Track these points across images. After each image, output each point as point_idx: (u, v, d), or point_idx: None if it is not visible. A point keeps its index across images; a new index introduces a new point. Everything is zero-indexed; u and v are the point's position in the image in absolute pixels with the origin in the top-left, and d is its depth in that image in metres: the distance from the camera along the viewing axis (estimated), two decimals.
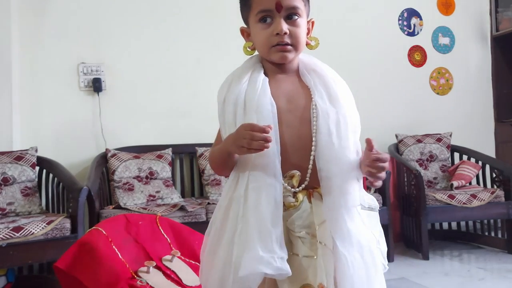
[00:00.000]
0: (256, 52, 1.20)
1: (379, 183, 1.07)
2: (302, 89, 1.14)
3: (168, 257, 1.25)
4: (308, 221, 1.06)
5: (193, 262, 1.31)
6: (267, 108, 1.07)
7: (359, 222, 1.08)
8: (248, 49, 1.18)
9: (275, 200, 1.03)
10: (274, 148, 1.04)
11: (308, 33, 1.18)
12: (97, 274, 1.14)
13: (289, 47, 1.12)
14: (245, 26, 1.21)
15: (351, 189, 1.08)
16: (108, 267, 1.15)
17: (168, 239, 1.32)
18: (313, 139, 1.08)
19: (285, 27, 1.10)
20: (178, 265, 1.24)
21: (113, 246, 1.19)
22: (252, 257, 0.98)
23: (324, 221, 1.06)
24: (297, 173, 1.08)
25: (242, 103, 1.09)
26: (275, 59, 1.14)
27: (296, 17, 1.12)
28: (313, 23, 1.20)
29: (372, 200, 1.18)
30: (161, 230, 1.32)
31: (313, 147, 1.08)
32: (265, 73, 1.16)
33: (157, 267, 1.19)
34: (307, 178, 1.08)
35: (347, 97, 1.15)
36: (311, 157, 1.08)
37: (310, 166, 1.08)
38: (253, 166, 1.05)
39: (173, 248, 1.30)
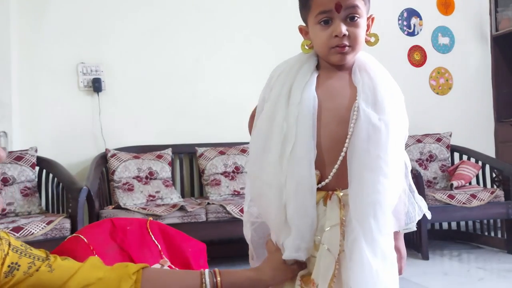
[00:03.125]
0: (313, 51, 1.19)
1: None
2: (349, 89, 1.11)
3: (156, 266, 1.20)
4: (319, 224, 1.07)
5: None
6: (309, 103, 1.08)
7: (386, 233, 1.07)
8: (306, 47, 1.17)
9: (310, 190, 1.06)
10: (310, 142, 1.06)
11: (367, 30, 1.17)
12: None
13: (348, 48, 1.09)
14: (303, 25, 1.19)
15: (384, 200, 1.05)
16: None
17: (159, 246, 1.27)
18: (347, 140, 1.06)
19: (344, 29, 1.07)
20: None
21: (95, 255, 1.14)
22: (289, 244, 1.07)
23: (335, 225, 1.06)
24: (316, 172, 1.08)
25: (285, 95, 1.10)
26: (333, 61, 1.12)
27: (357, 17, 1.10)
28: (373, 19, 1.19)
29: (419, 207, 1.21)
30: (152, 236, 1.27)
31: (344, 148, 1.06)
32: (318, 67, 1.15)
33: None
34: (330, 177, 1.08)
35: (395, 104, 1.11)
36: (340, 157, 1.07)
37: (336, 166, 1.07)
38: (289, 158, 1.07)
39: (163, 257, 1.25)
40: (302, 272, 1.11)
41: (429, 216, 1.22)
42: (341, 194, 1.07)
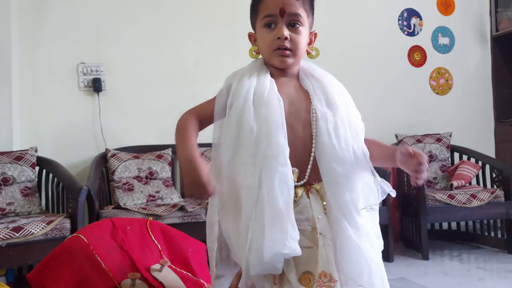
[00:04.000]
0: (261, 56, 1.28)
1: (422, 181, 1.16)
2: (302, 93, 1.22)
3: (157, 266, 1.20)
4: (308, 214, 1.14)
5: (185, 272, 1.27)
6: (275, 103, 1.15)
7: (364, 214, 1.17)
8: (253, 52, 1.28)
9: (287, 185, 1.11)
10: (283, 140, 1.12)
11: (310, 43, 1.27)
12: (74, 287, 1.07)
13: (288, 52, 1.19)
14: (253, 31, 1.29)
15: (356, 187, 1.16)
16: (87, 279, 1.08)
17: (159, 246, 1.27)
18: (313, 140, 1.17)
19: (286, 32, 1.18)
20: (167, 276, 1.19)
21: (95, 255, 1.13)
22: (269, 241, 1.06)
23: (322, 214, 1.15)
24: (295, 170, 1.16)
25: (251, 98, 1.16)
26: (275, 63, 1.22)
27: (298, 25, 1.20)
28: (315, 35, 1.28)
29: (383, 188, 1.26)
30: (152, 236, 1.28)
31: (313, 148, 1.17)
32: (270, 75, 1.24)
33: (143, 278, 1.14)
34: (307, 176, 1.17)
35: (345, 100, 1.23)
36: (311, 157, 1.16)
37: (310, 165, 1.17)
38: (264, 156, 1.12)
39: (163, 257, 1.25)
40: (295, 275, 1.11)
41: (393, 194, 1.30)
42: (318, 187, 1.17)
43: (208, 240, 1.22)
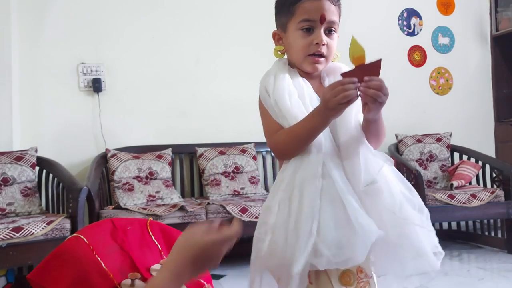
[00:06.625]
0: (285, 56, 1.26)
1: (376, 112, 1.07)
2: (321, 93, 1.19)
3: (157, 266, 1.20)
4: None
5: None
6: (316, 99, 1.16)
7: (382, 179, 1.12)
8: (279, 52, 1.25)
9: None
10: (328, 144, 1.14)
11: None
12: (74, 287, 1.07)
13: (322, 58, 1.19)
14: (277, 30, 1.26)
15: (361, 157, 1.12)
16: (87, 279, 1.08)
17: (159, 246, 1.27)
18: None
19: (325, 38, 1.18)
20: None
21: (96, 255, 1.13)
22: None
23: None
24: None
25: (294, 91, 1.17)
26: (306, 68, 1.21)
27: (333, 31, 1.21)
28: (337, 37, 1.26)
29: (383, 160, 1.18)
30: (152, 236, 1.27)
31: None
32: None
33: (143, 278, 1.14)
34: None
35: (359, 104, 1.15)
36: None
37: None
38: (319, 147, 1.13)
39: (164, 257, 1.25)
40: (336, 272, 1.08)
41: (391, 163, 1.22)
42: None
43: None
